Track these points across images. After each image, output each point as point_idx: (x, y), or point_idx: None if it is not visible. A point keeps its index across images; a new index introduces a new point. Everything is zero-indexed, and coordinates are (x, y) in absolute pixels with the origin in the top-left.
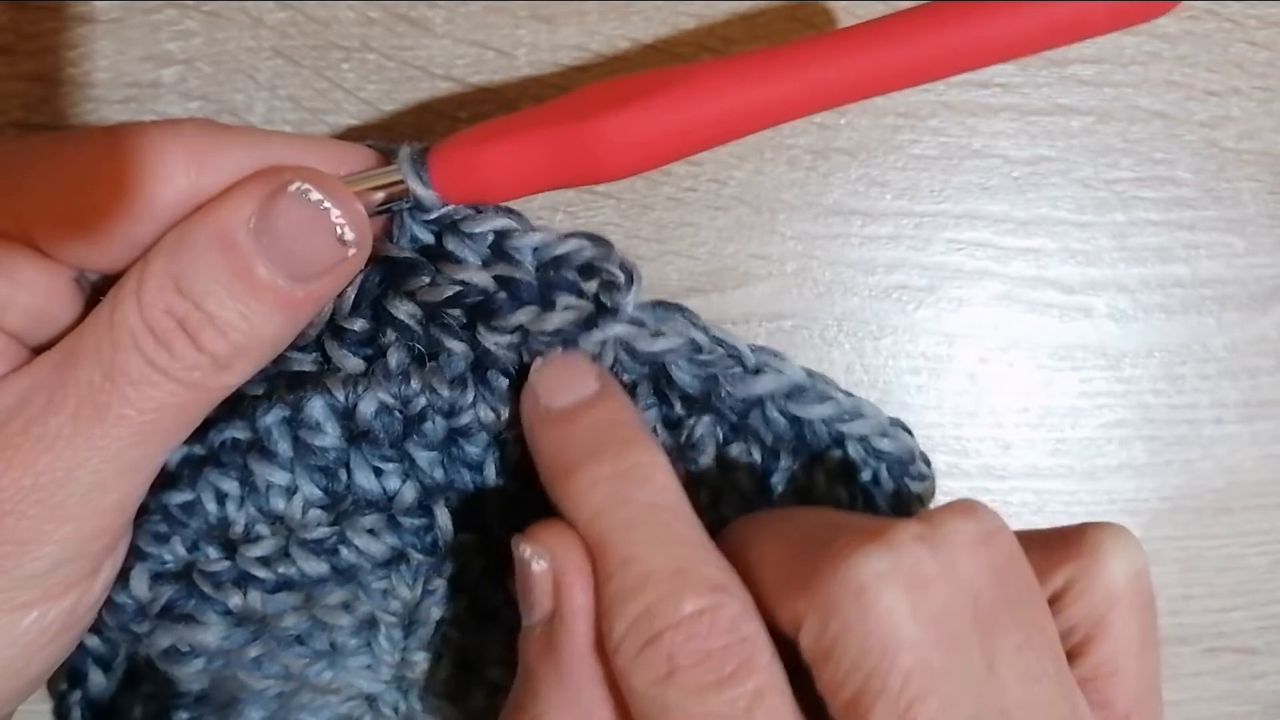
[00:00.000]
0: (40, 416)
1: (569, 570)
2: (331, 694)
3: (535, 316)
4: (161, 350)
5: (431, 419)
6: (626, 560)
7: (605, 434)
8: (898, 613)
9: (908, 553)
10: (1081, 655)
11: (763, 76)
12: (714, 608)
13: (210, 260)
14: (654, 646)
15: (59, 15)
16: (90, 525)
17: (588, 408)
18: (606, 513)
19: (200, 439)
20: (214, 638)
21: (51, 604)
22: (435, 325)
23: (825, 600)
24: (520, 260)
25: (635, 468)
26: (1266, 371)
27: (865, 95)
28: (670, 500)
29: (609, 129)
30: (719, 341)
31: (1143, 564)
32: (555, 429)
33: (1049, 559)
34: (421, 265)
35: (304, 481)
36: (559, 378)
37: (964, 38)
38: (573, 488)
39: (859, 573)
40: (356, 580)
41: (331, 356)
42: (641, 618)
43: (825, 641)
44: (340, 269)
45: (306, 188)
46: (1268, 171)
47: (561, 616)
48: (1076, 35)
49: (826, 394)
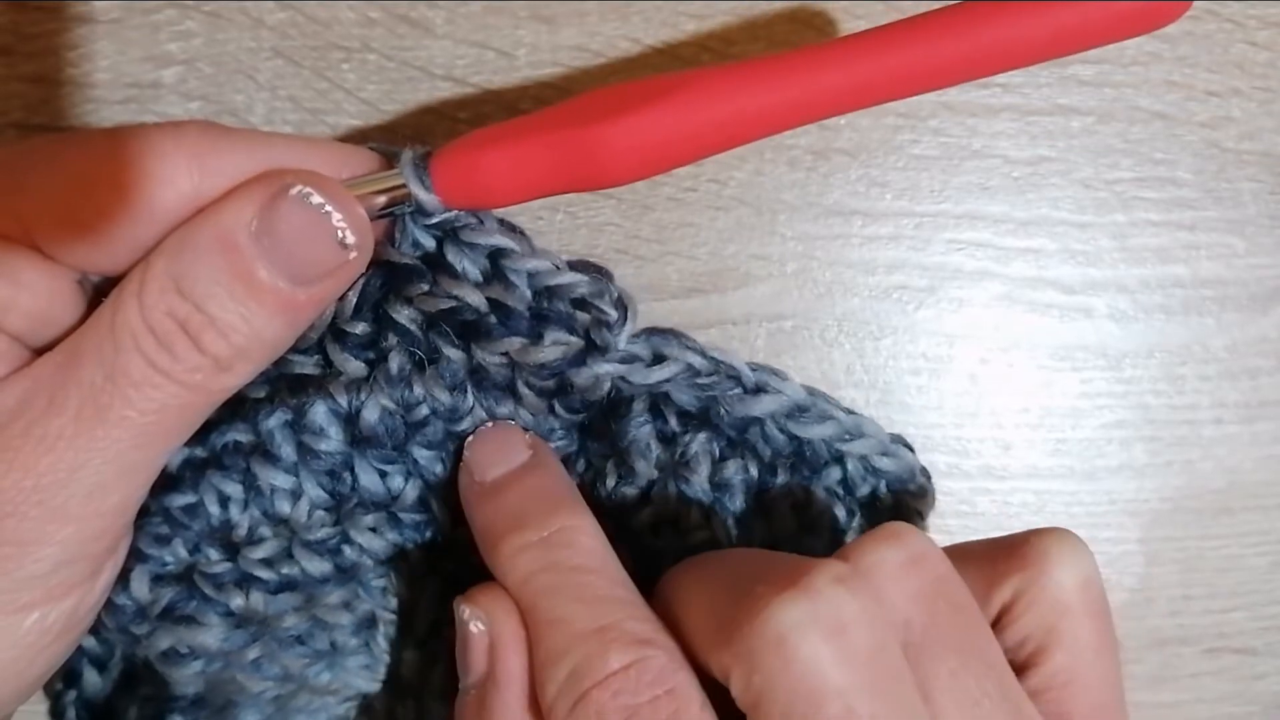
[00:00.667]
0: (42, 418)
1: (504, 635)
2: (329, 695)
3: (523, 348)
4: (163, 352)
5: (432, 423)
6: (553, 623)
7: (531, 502)
8: (819, 661)
9: (825, 598)
10: (1034, 667)
11: (767, 83)
12: (639, 661)
13: (212, 263)
14: (583, 705)
15: (59, 16)
16: (91, 527)
17: (517, 478)
18: (533, 578)
19: (202, 441)
20: (214, 639)
21: (53, 605)
22: (434, 332)
23: (747, 654)
24: (515, 285)
25: (559, 532)
26: (1266, 372)
27: (870, 104)
28: (594, 562)
29: (612, 135)
30: (717, 363)
31: (1092, 569)
32: (487, 501)
33: (994, 571)
34: (420, 272)
35: (309, 484)
36: (490, 451)
37: (969, 46)
38: (502, 556)
39: (777, 624)
40: (357, 579)
41: (333, 359)
42: (570, 678)
43: (752, 694)
44: (341, 272)
45: (308, 191)
46: (1268, 172)
47: (495, 680)
48: (1081, 44)
49: (827, 413)
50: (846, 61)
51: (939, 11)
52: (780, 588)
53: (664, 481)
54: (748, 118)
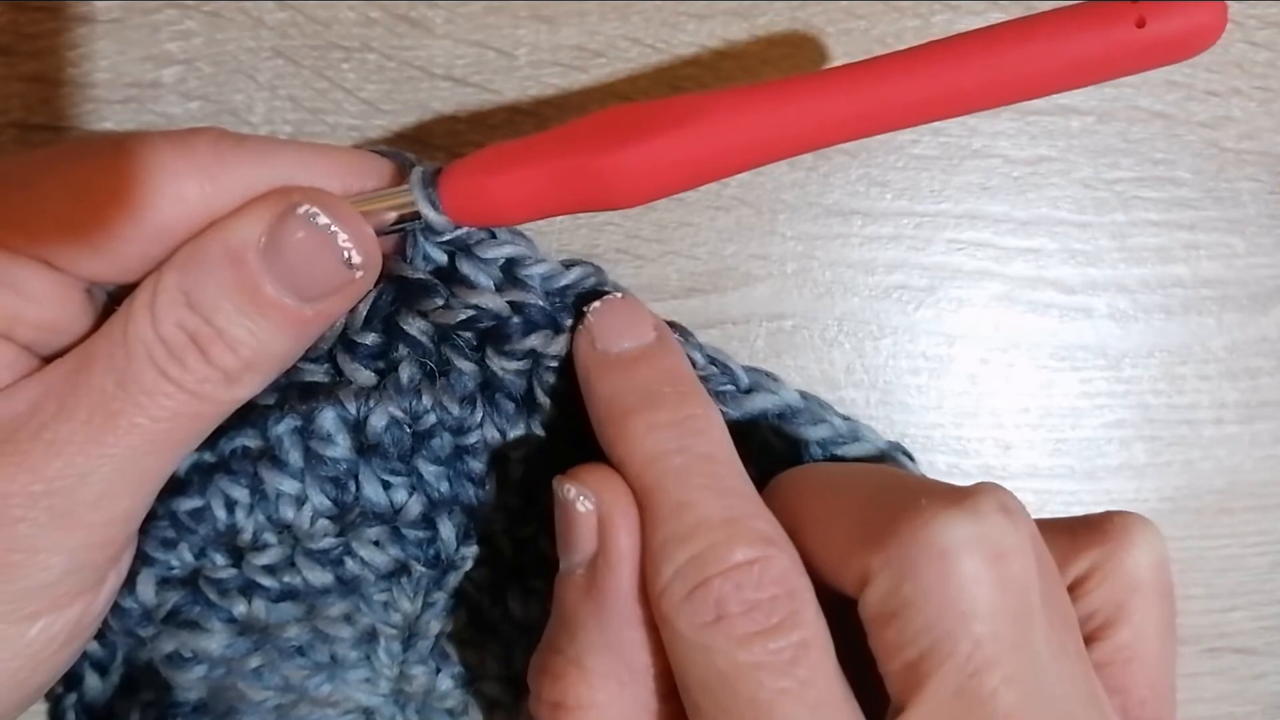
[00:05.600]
0: (52, 423)
1: (616, 512)
2: (330, 707)
3: (548, 340)
4: (174, 362)
5: (440, 435)
6: (680, 506)
7: (663, 383)
8: (979, 581)
9: (991, 523)
10: (1099, 640)
11: (778, 109)
12: (764, 559)
13: (220, 277)
14: (702, 592)
15: (59, 15)
16: (99, 534)
17: (646, 356)
18: (662, 459)
19: (210, 446)
20: (217, 645)
21: (58, 614)
22: (446, 344)
23: (903, 560)
24: (532, 286)
25: (692, 418)
26: (1266, 372)
27: (882, 130)
28: (724, 454)
29: (623, 162)
30: (713, 360)
31: (1165, 554)
32: (613, 373)
33: (1073, 545)
34: (434, 287)
35: (313, 491)
36: (617, 323)
37: (981, 75)
38: (629, 432)
39: (943, 536)
40: (359, 592)
41: (343, 369)
42: (691, 563)
43: (896, 601)
44: (348, 290)
45: (315, 211)
46: (1268, 172)
47: (606, 558)
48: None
49: (821, 416)
50: (857, 88)
51: (962, 36)
52: (946, 504)
53: None
54: (758, 145)
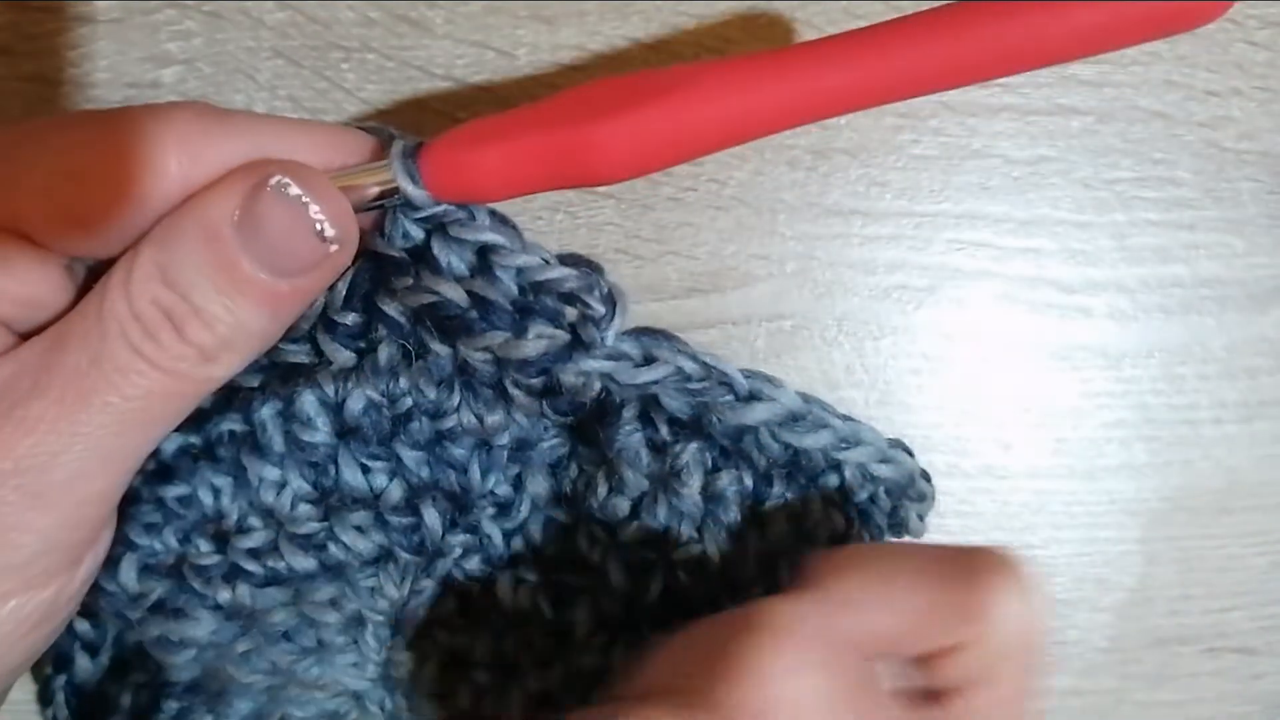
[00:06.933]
0: (24, 400)
1: None
2: (319, 690)
3: (506, 343)
4: (148, 340)
5: (418, 419)
6: None
7: None
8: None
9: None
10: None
11: (768, 81)
12: None
13: (196, 253)
14: None
15: (59, 15)
16: (72, 515)
17: None
18: None
19: (197, 430)
20: (203, 631)
21: (30, 595)
22: (421, 326)
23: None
24: (499, 280)
25: None
26: (1266, 372)
27: (874, 104)
28: None
29: (607, 134)
30: (709, 368)
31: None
32: None
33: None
34: (404, 265)
35: (293, 475)
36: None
37: (980, 45)
38: None
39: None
40: (345, 578)
41: (323, 349)
42: None
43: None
44: (324, 265)
45: (286, 182)
46: (1268, 171)
47: None
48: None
49: (823, 421)
50: (850, 59)
51: (954, 4)
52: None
53: (655, 493)
54: (748, 118)
